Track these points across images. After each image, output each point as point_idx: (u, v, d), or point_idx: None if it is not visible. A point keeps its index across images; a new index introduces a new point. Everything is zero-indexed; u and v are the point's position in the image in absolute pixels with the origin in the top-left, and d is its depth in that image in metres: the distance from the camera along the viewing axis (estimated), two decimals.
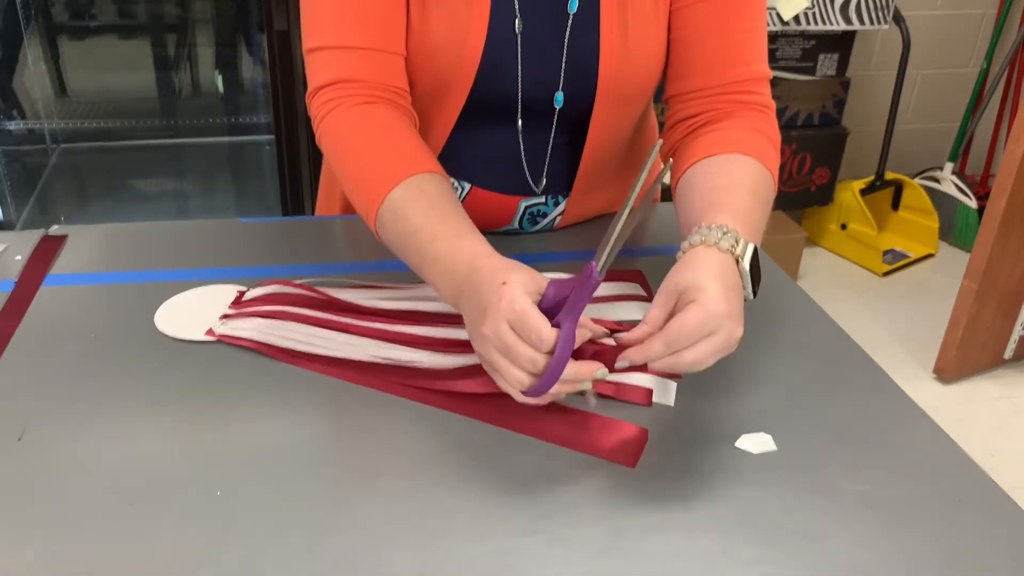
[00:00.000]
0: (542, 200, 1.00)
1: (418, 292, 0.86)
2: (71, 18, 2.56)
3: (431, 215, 0.75)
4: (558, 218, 1.03)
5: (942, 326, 2.22)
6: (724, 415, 0.73)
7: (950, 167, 2.86)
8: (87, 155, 2.71)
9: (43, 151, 2.66)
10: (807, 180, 2.68)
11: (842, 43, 2.54)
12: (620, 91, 0.90)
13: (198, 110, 2.70)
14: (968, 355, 2.21)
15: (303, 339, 0.80)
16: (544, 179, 0.98)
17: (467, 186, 0.98)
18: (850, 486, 0.66)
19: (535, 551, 0.59)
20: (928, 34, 2.82)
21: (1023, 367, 2.33)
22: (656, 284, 0.73)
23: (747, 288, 0.69)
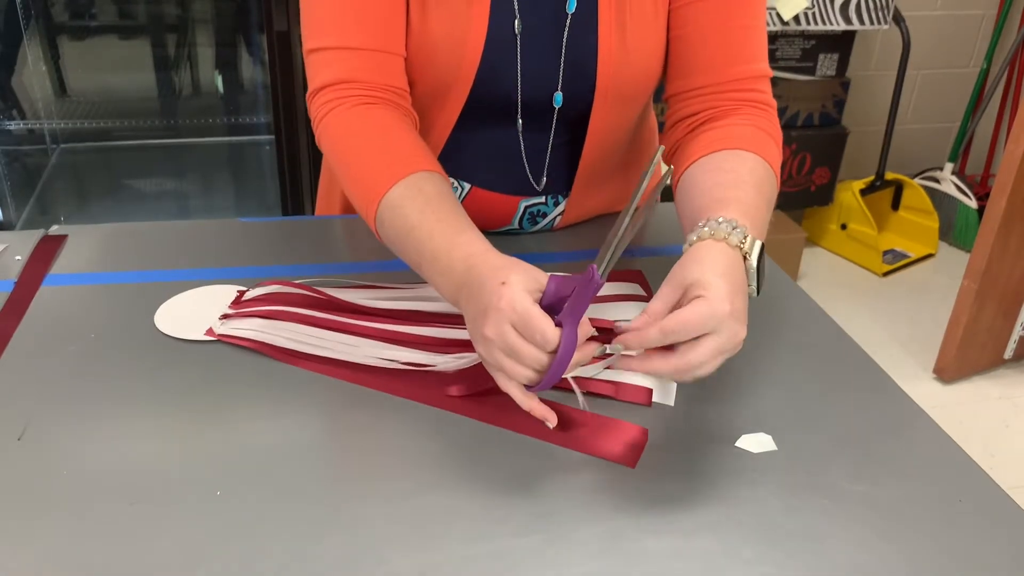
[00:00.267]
0: (542, 200, 1.00)
1: (418, 292, 0.86)
2: (71, 18, 2.55)
3: (428, 213, 0.75)
4: (558, 218, 1.03)
5: (942, 326, 2.22)
6: (724, 415, 0.73)
7: (950, 167, 2.86)
8: (87, 155, 2.70)
9: (43, 151, 2.66)
10: (807, 180, 2.68)
11: (842, 43, 2.54)
12: (619, 91, 0.90)
13: (198, 110, 2.69)
14: (968, 355, 2.21)
15: (303, 339, 0.80)
16: (544, 179, 0.98)
17: (467, 186, 0.98)
18: (850, 486, 0.65)
19: (535, 551, 0.59)
20: (928, 34, 2.82)
21: (1023, 367, 2.33)
22: (656, 284, 0.73)
23: (752, 285, 0.69)
